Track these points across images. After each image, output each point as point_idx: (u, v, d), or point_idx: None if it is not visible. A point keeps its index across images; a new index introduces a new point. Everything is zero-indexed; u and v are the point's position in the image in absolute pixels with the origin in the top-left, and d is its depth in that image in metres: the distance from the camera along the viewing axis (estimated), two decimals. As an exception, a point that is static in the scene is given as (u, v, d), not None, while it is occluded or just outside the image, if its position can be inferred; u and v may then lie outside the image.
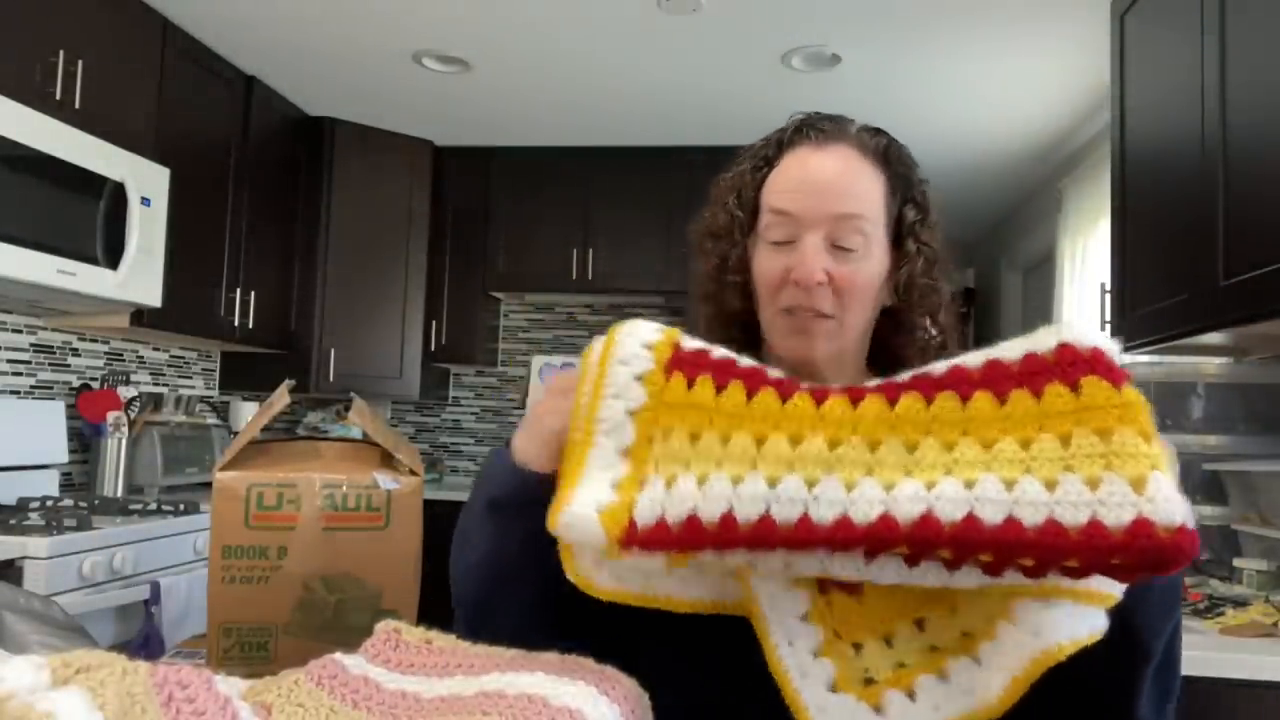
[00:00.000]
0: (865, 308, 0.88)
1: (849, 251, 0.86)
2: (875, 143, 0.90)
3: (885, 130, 0.92)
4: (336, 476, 1.10)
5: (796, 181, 0.88)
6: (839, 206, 0.85)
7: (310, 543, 1.08)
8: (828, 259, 0.85)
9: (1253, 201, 1.64)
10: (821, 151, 0.88)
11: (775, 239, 0.88)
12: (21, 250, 2.32)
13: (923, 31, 2.92)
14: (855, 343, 0.90)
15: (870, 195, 0.87)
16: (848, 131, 0.90)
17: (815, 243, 0.85)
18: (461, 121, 3.94)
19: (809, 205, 0.86)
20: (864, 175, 0.87)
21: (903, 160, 0.91)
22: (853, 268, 0.86)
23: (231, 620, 1.07)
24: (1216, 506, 2.07)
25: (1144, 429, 0.56)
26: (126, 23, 2.79)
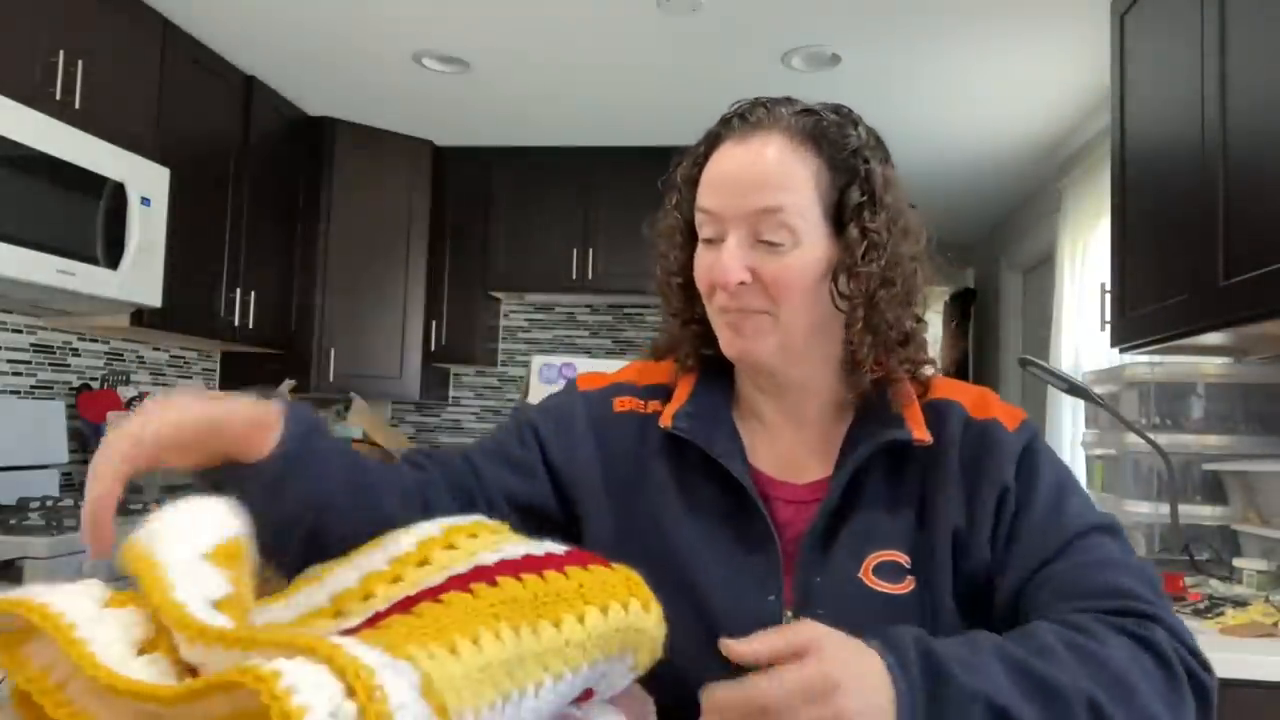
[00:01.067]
0: (804, 302, 0.83)
1: (774, 245, 0.82)
2: (804, 124, 0.85)
3: (826, 108, 0.88)
4: (336, 476, 1.10)
5: (719, 178, 0.85)
6: (757, 201, 0.82)
7: (310, 543, 1.08)
8: (753, 255, 0.82)
9: (1253, 201, 1.64)
10: (743, 145, 0.85)
11: (706, 237, 0.86)
12: (21, 250, 2.32)
13: (923, 31, 2.92)
14: (801, 337, 0.85)
15: (795, 184, 0.82)
16: (779, 117, 0.86)
17: (735, 241, 0.82)
18: (461, 121, 3.94)
19: (728, 203, 0.83)
20: (788, 164, 0.83)
21: (842, 140, 0.85)
22: (780, 262, 0.82)
23: (231, 620, 1.07)
24: (1216, 506, 2.07)
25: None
26: (126, 23, 2.80)
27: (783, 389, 0.89)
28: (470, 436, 4.55)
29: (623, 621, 0.58)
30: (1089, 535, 0.79)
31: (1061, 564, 0.78)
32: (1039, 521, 0.80)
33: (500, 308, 4.58)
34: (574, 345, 4.54)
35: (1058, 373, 2.16)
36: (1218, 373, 2.15)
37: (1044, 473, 0.84)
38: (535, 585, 0.57)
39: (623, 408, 0.93)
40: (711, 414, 0.89)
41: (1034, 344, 4.59)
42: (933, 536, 0.82)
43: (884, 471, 0.85)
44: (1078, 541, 0.79)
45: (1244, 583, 1.79)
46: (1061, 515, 0.81)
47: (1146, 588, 0.75)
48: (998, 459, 0.83)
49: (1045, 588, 0.77)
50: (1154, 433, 2.02)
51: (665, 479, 0.87)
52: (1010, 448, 0.84)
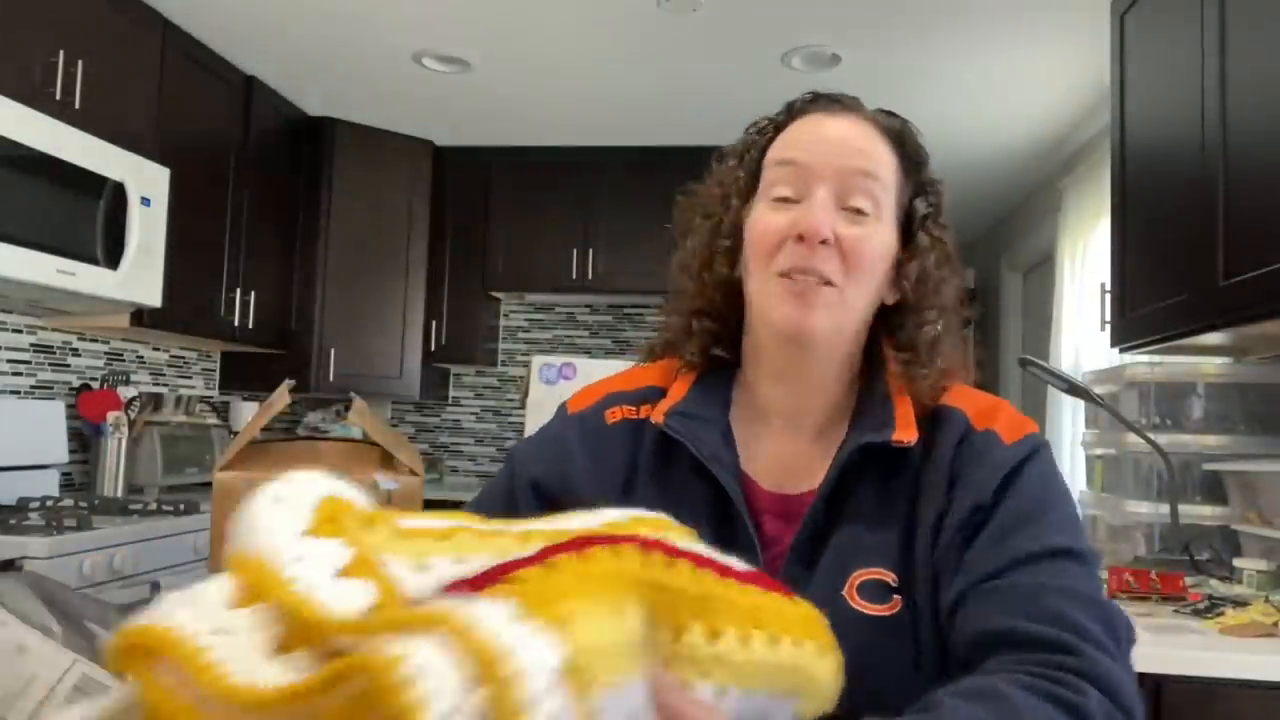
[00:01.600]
0: (871, 283, 0.81)
1: (860, 214, 0.79)
2: (890, 123, 0.85)
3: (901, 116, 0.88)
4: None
5: (812, 135, 0.83)
6: (854, 160, 0.80)
7: (310, 543, 1.08)
8: (836, 218, 0.79)
9: (1253, 201, 1.65)
10: (836, 116, 0.84)
11: (779, 195, 0.81)
12: (21, 250, 2.32)
13: (923, 31, 2.92)
14: (854, 325, 0.82)
15: (885, 163, 0.82)
16: (863, 107, 0.87)
17: (825, 197, 0.79)
18: (461, 121, 3.94)
19: (820, 157, 0.80)
20: (880, 144, 0.83)
21: (918, 149, 0.86)
22: (863, 231, 0.79)
23: (231, 620, 1.07)
24: (1216, 506, 2.07)
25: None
26: (126, 23, 2.79)
27: (802, 379, 0.85)
28: (470, 436, 4.56)
29: (792, 659, 0.52)
30: (1055, 557, 0.71)
31: (1015, 577, 0.71)
32: (996, 535, 0.74)
33: (500, 308, 4.58)
34: (574, 345, 4.54)
35: (1058, 373, 2.16)
36: (1218, 373, 2.15)
37: (1024, 491, 0.76)
38: (705, 582, 0.50)
39: (615, 418, 0.89)
40: (707, 414, 0.85)
41: (1034, 344, 4.59)
42: (918, 552, 0.77)
43: (874, 483, 0.80)
44: (1040, 561, 0.71)
45: (1244, 583, 1.79)
46: (1025, 533, 0.73)
47: (1098, 625, 0.66)
48: (981, 474, 0.77)
49: (988, 598, 0.70)
50: (1154, 433, 2.02)
51: (654, 477, 0.84)
52: (999, 461, 0.78)
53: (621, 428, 0.88)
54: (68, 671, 0.66)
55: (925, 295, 0.83)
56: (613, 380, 0.94)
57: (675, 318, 0.91)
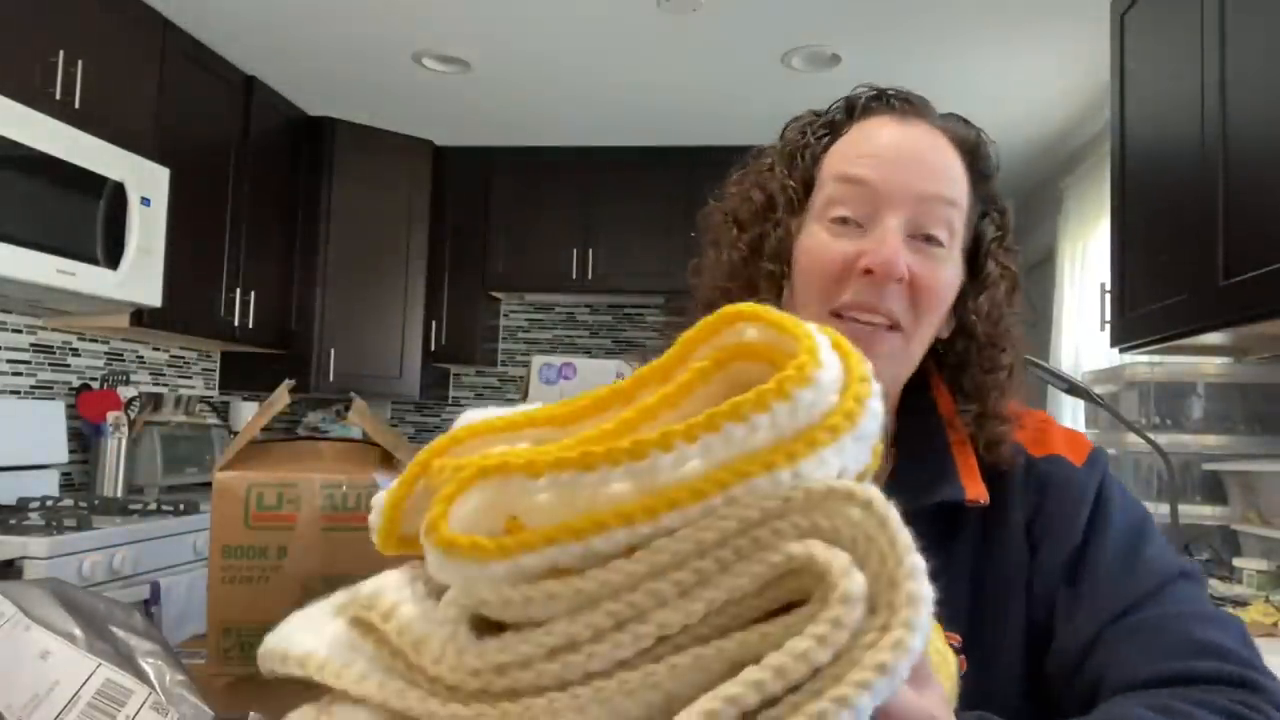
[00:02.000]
0: (936, 324, 0.71)
1: (935, 246, 0.69)
2: (965, 132, 0.75)
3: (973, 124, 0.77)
4: (336, 476, 1.10)
5: (883, 148, 0.71)
6: (932, 184, 0.69)
7: (310, 543, 1.08)
8: (907, 250, 0.68)
9: (1253, 201, 1.64)
10: (907, 125, 0.73)
11: (840, 215, 0.70)
12: (21, 250, 2.32)
13: (923, 31, 2.92)
14: (908, 376, 0.73)
15: (961, 185, 0.72)
16: (934, 111, 0.76)
17: (897, 226, 0.68)
18: (461, 121, 3.94)
19: (893, 176, 0.69)
20: (955, 161, 0.72)
21: (989, 163, 0.76)
22: (937, 266, 0.69)
23: (231, 620, 1.07)
24: (1216, 506, 2.07)
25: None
26: (126, 23, 2.79)
27: None
28: (470, 436, 4.55)
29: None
30: (1175, 583, 0.67)
31: (1146, 613, 0.65)
32: (1115, 568, 0.68)
33: (500, 308, 4.58)
34: (574, 345, 4.54)
35: (1058, 373, 2.16)
36: (1218, 373, 2.15)
37: (1116, 518, 0.71)
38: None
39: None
40: None
41: (1034, 344, 4.59)
42: (992, 609, 0.69)
43: (933, 533, 0.70)
44: (1165, 590, 0.67)
45: (1244, 583, 1.79)
46: (1141, 561, 0.68)
47: (1239, 643, 0.64)
48: (1067, 509, 0.70)
49: (1128, 640, 0.65)
50: (1154, 433, 2.02)
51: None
52: (1082, 492, 0.71)
53: None
54: (90, 677, 0.67)
55: (996, 334, 0.73)
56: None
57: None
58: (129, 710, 0.66)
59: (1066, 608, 0.68)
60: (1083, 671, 0.65)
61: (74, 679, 0.66)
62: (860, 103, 0.75)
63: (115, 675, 0.68)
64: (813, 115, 0.78)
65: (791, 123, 0.79)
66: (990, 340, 0.74)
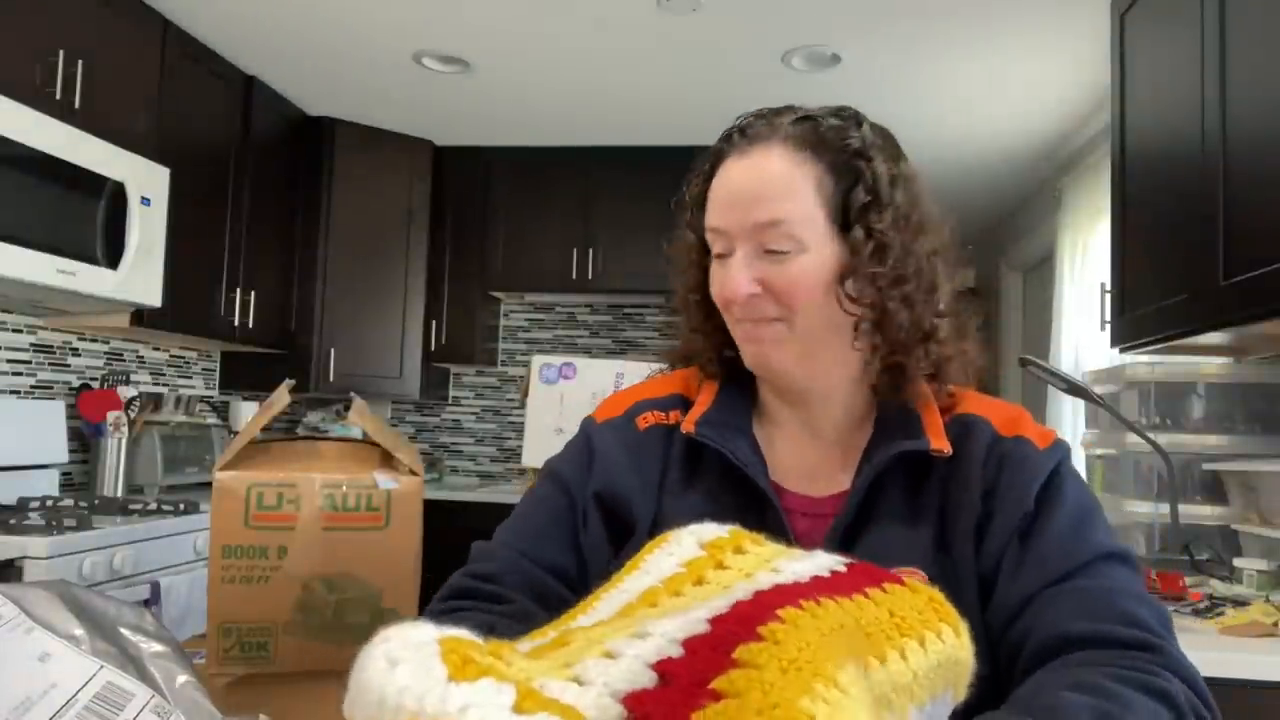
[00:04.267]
0: (815, 307, 0.83)
1: (780, 254, 0.83)
2: (802, 131, 0.84)
3: (827, 112, 0.86)
4: (336, 476, 1.10)
5: (723, 196, 0.86)
6: (758, 215, 0.82)
7: (310, 543, 1.08)
8: (760, 266, 0.83)
9: (1253, 201, 1.64)
10: (744, 160, 0.85)
11: (718, 253, 0.87)
12: (21, 250, 2.32)
13: (923, 31, 2.92)
14: (821, 345, 0.85)
15: (796, 194, 0.82)
16: (777, 127, 0.85)
17: (742, 256, 0.84)
18: (461, 121, 3.94)
19: (732, 219, 0.84)
20: (787, 176, 0.83)
21: (842, 143, 0.84)
22: (786, 270, 0.82)
23: (231, 620, 1.07)
24: (1216, 506, 2.07)
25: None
26: (126, 23, 2.80)
27: (805, 399, 0.89)
28: (470, 436, 4.56)
29: (942, 654, 0.52)
30: (1110, 560, 0.77)
31: (1079, 582, 0.76)
32: (1057, 540, 0.78)
33: (500, 307, 4.58)
34: (574, 345, 4.54)
35: (1058, 373, 2.16)
36: (1218, 373, 2.15)
37: (1068, 496, 0.81)
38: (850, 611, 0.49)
39: (646, 423, 0.92)
40: (733, 422, 0.89)
41: (1034, 344, 4.59)
42: (952, 554, 0.80)
43: (903, 485, 0.83)
44: (1097, 564, 0.77)
45: (1244, 583, 1.79)
46: (1081, 538, 0.79)
47: (1157, 622, 0.73)
48: (1022, 479, 0.81)
49: (1061, 600, 0.75)
50: (1154, 433, 2.02)
51: (687, 485, 0.87)
52: (1037, 468, 0.82)
53: (654, 433, 0.91)
54: (90, 680, 0.66)
55: (872, 295, 0.82)
56: (638, 389, 0.98)
57: (690, 336, 0.96)
58: (128, 714, 0.66)
59: (1011, 566, 0.78)
60: (1015, 624, 0.76)
61: (73, 681, 0.65)
62: (717, 146, 0.90)
63: (117, 678, 0.68)
64: (701, 163, 0.92)
65: (694, 163, 0.93)
66: (864, 298, 0.83)
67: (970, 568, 0.79)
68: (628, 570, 0.58)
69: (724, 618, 0.46)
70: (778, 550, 0.58)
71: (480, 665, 0.42)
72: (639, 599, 0.53)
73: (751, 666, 0.41)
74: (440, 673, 0.41)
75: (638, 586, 0.55)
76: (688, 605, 0.49)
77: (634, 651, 0.43)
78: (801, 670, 0.41)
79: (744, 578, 0.53)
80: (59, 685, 0.65)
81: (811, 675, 0.41)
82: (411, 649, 0.43)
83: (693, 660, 0.42)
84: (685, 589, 0.53)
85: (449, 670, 0.41)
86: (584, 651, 0.45)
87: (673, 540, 0.59)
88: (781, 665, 0.41)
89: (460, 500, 3.65)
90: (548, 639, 0.50)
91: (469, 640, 0.44)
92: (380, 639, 0.44)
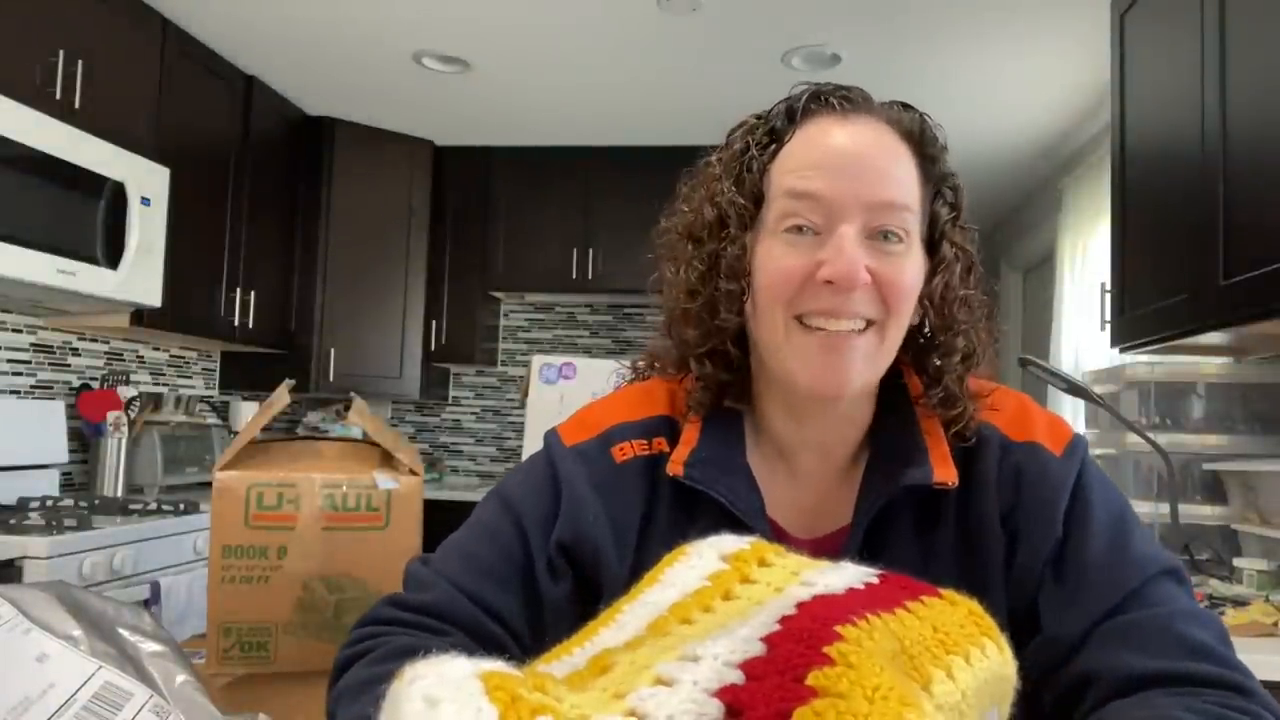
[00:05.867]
0: (908, 317, 0.72)
1: (895, 244, 0.69)
2: (908, 119, 0.74)
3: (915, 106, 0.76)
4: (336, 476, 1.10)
5: (831, 157, 0.70)
6: (882, 191, 0.69)
7: (310, 543, 1.08)
8: (865, 254, 0.69)
9: (1253, 201, 1.64)
10: (850, 125, 0.71)
11: (794, 225, 0.70)
12: (21, 250, 2.32)
13: (923, 31, 2.92)
14: (884, 372, 0.74)
15: (911, 181, 0.71)
16: (875, 103, 0.75)
17: (853, 234, 0.68)
18: (461, 121, 3.94)
19: (843, 187, 0.69)
20: (903, 154, 0.72)
21: (936, 144, 0.74)
22: (899, 263, 0.70)
23: (231, 620, 1.07)
24: (1216, 506, 2.07)
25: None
26: (126, 23, 2.79)
27: (827, 421, 0.77)
28: (470, 436, 4.56)
29: (987, 670, 0.48)
30: (1159, 580, 0.69)
31: (1135, 615, 0.67)
32: (1099, 567, 0.69)
33: (500, 307, 4.58)
34: (574, 345, 4.54)
35: (1058, 373, 2.16)
36: (1218, 373, 2.15)
37: (1098, 509, 0.71)
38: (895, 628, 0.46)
39: (625, 456, 0.77)
40: (726, 459, 0.76)
41: (1034, 344, 4.59)
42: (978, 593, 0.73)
43: (912, 517, 0.73)
44: (1149, 589, 0.68)
45: (1244, 583, 1.79)
46: (1125, 559, 0.69)
47: (1220, 642, 0.66)
48: (1045, 497, 0.71)
49: (1117, 639, 0.66)
50: (1154, 433, 2.02)
51: (673, 529, 0.74)
52: (1059, 483, 0.72)
53: (633, 468, 0.77)
54: (89, 680, 0.66)
55: (952, 317, 0.74)
56: (612, 407, 0.82)
57: (671, 351, 0.82)
58: (126, 714, 0.66)
59: (1055, 602, 0.69)
60: (1070, 666, 0.67)
61: (71, 681, 0.65)
62: (801, 105, 0.74)
63: (115, 678, 0.68)
64: (755, 119, 0.77)
65: (736, 129, 0.78)
66: (944, 323, 0.74)
67: (1001, 602, 0.70)
68: (647, 583, 0.56)
69: (780, 636, 0.43)
70: (803, 562, 0.55)
71: (532, 703, 0.39)
72: (669, 613, 0.51)
73: (834, 695, 0.39)
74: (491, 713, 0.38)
75: (663, 600, 0.53)
76: (725, 622, 0.47)
77: (691, 678, 0.41)
78: (888, 699, 0.39)
79: (775, 593, 0.50)
80: (57, 685, 0.65)
81: (899, 703, 0.39)
82: (451, 686, 0.40)
83: (761, 687, 0.40)
84: (714, 604, 0.51)
85: (500, 710, 0.38)
86: (632, 679, 0.42)
87: (693, 553, 0.57)
88: (866, 694, 0.39)
89: (460, 500, 3.65)
90: (579, 661, 0.47)
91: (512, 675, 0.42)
92: (411, 675, 0.41)
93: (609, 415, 0.80)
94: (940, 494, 0.72)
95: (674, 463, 0.75)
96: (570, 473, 0.76)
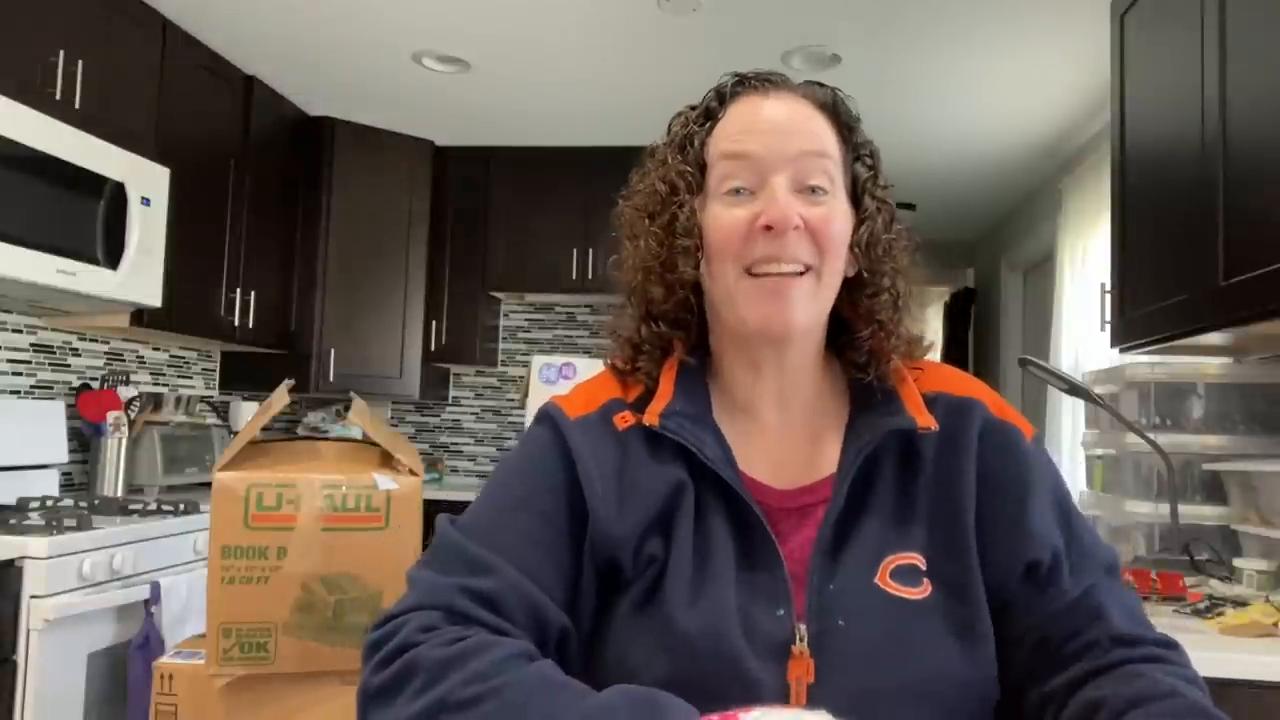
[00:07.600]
0: (840, 260, 0.81)
1: (820, 192, 0.79)
2: (822, 93, 0.84)
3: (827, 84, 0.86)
4: (336, 476, 1.10)
5: (758, 122, 0.81)
6: (803, 143, 0.79)
7: (310, 543, 1.08)
8: (797, 202, 0.78)
9: (1253, 201, 1.64)
10: (770, 98, 0.83)
11: (733, 186, 0.80)
12: (21, 250, 2.32)
13: (923, 31, 2.92)
14: (826, 312, 0.82)
15: (830, 139, 0.82)
16: (792, 83, 0.86)
17: (783, 184, 0.78)
18: (461, 121, 3.95)
19: (769, 143, 0.79)
20: (819, 118, 0.82)
21: (850, 114, 0.85)
22: (826, 209, 0.79)
23: (231, 620, 1.07)
24: (1216, 506, 2.07)
25: None
26: (126, 23, 2.79)
27: (783, 367, 0.83)
28: (470, 436, 4.56)
29: None
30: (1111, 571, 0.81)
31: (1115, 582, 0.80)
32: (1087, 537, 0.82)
33: (500, 308, 4.58)
34: (574, 345, 4.54)
35: (1058, 373, 2.16)
36: (1218, 373, 2.15)
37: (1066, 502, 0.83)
38: None
39: (625, 424, 0.82)
40: (696, 415, 0.81)
41: (1034, 344, 4.59)
42: (950, 538, 0.77)
43: (892, 470, 0.79)
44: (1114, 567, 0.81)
45: (1244, 583, 1.79)
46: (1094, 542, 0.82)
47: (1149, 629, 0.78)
48: (1021, 472, 0.80)
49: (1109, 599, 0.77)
50: (1154, 433, 2.02)
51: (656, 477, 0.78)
52: (1033, 463, 0.82)
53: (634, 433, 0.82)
54: None
55: (879, 261, 0.83)
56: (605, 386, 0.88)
57: (633, 322, 0.90)
58: None
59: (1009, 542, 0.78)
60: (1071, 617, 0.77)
61: None
62: (729, 89, 0.87)
63: None
64: (689, 109, 0.91)
65: (675, 118, 0.92)
66: (872, 265, 0.83)
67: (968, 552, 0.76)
68: None
69: None
70: None
71: None
72: None
73: None
74: None
75: None
76: None
77: None
78: None
79: None
80: None
81: None
82: None
83: None
84: None
85: None
86: None
87: None
88: None
89: (460, 500, 3.65)
90: None
91: None
92: None
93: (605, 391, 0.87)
94: (917, 445, 0.80)
95: (650, 414, 0.80)
96: (583, 438, 0.82)
